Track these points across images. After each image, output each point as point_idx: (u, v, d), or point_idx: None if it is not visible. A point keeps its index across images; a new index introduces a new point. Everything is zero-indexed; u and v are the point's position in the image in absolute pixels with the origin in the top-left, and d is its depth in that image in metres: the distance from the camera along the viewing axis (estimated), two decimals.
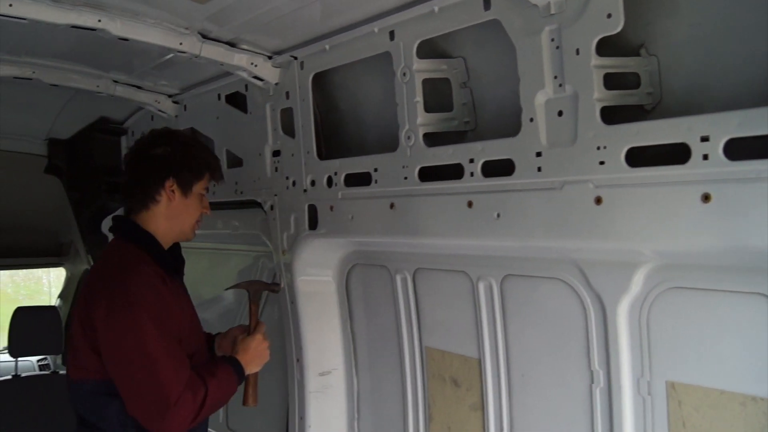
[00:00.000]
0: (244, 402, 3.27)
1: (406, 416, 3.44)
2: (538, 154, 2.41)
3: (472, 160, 2.64)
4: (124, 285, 2.84)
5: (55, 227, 6.50)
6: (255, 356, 3.16)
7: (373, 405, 3.70)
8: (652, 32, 2.32)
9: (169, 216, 3.08)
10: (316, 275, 3.64)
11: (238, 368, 3.09)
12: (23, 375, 5.19)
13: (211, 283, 4.98)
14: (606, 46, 2.24)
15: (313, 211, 3.45)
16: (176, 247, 3.21)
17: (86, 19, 3.08)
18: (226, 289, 3.74)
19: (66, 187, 5.82)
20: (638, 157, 2.17)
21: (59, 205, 5.94)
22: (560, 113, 2.34)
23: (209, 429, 3.33)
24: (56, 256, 6.86)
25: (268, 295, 3.74)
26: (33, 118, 5.29)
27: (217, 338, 3.37)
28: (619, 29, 2.17)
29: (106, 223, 5.57)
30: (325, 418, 3.78)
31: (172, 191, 3.05)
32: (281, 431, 4.19)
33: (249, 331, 3.23)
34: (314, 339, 3.72)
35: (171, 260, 3.09)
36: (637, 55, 2.33)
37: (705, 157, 1.99)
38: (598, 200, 2.26)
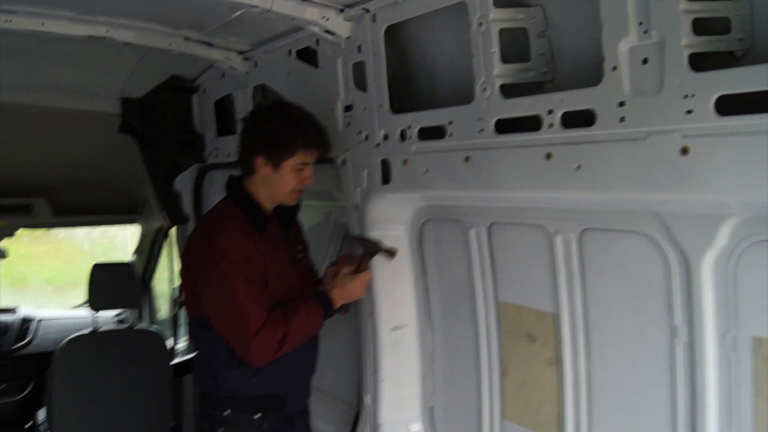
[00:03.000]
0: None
1: (480, 370, 3.42)
2: (621, 104, 2.33)
3: (550, 111, 2.57)
4: (213, 238, 3.39)
5: (130, 185, 6.58)
6: (349, 295, 3.56)
7: (447, 359, 3.68)
8: None
9: (265, 185, 3.49)
10: (388, 230, 3.60)
11: (326, 304, 3.49)
12: (102, 329, 5.28)
13: None
14: None
15: (386, 165, 3.41)
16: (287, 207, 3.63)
17: None
18: (344, 238, 4.01)
19: (139, 145, 5.87)
20: (728, 106, 2.07)
21: (133, 163, 5.99)
22: (645, 61, 2.24)
23: None
24: (131, 214, 6.94)
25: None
26: (106, 77, 5.33)
27: (325, 276, 3.77)
28: None
29: (179, 181, 5.66)
30: (398, 372, 3.77)
31: (264, 165, 3.44)
32: (354, 385, 4.20)
33: (357, 270, 3.57)
34: (387, 293, 3.70)
35: (258, 218, 3.49)
36: None
37: None
38: (685, 150, 2.17)
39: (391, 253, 3.58)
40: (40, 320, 6.57)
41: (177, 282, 6.05)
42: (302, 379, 3.73)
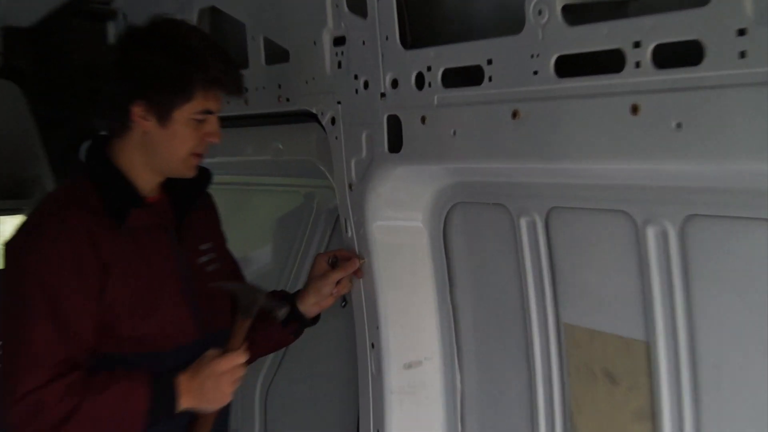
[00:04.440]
0: None
1: (536, 425, 3.46)
2: (741, 32, 2.34)
3: (637, 44, 2.59)
4: (27, 238, 3.26)
5: (13, 157, 6.60)
6: (207, 389, 3.28)
7: (485, 411, 3.73)
8: None
9: (145, 148, 3.35)
10: (399, 220, 3.66)
11: (163, 395, 3.22)
12: None
13: (239, 234, 5.00)
14: None
15: (395, 124, 3.44)
16: (188, 183, 3.51)
17: None
18: (211, 285, 3.58)
19: (28, 97, 5.89)
20: None
21: (18, 124, 6.02)
22: None
23: None
24: (14, 199, 6.97)
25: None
26: None
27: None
28: None
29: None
30: (414, 429, 3.81)
31: (144, 118, 3.29)
32: None
33: (226, 350, 3.34)
34: (397, 314, 3.74)
35: (118, 202, 3.31)
36: None
37: None
38: None
39: (275, 310, 3.54)
40: None
41: None
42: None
